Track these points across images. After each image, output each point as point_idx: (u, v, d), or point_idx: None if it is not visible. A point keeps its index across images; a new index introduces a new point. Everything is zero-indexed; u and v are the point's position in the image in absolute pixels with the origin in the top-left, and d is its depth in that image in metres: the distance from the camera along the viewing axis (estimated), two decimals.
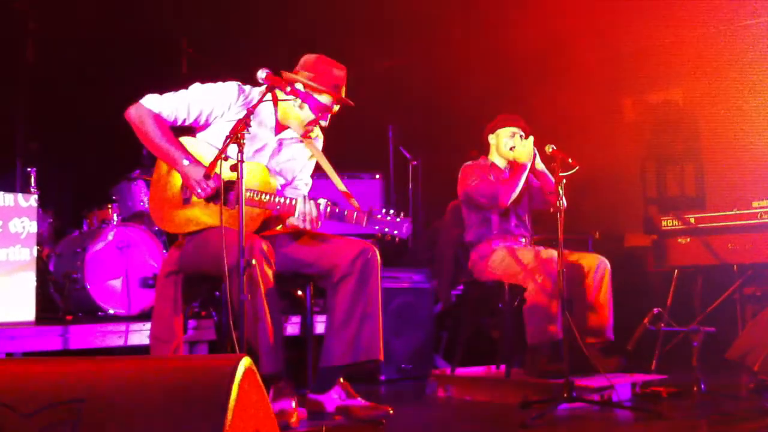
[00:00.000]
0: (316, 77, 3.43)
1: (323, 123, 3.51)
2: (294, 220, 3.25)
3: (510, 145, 4.62)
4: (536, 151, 4.52)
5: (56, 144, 6.04)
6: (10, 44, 5.59)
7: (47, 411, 1.73)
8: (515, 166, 4.53)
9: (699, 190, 6.43)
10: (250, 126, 2.97)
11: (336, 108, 3.52)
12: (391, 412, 3.31)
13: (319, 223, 3.25)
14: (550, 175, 4.51)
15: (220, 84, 3.45)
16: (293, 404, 3.20)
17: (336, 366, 3.34)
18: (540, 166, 4.57)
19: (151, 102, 3.37)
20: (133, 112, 3.36)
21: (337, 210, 3.20)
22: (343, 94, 3.50)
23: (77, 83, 6.10)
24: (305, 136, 3.55)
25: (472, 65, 6.90)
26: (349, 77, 3.52)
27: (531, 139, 4.53)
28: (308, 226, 3.23)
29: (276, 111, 3.53)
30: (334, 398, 3.37)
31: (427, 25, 6.70)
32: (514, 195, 4.47)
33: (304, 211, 3.21)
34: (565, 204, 3.80)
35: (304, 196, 3.25)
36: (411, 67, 6.87)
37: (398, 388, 4.91)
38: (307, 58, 3.52)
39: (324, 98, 3.46)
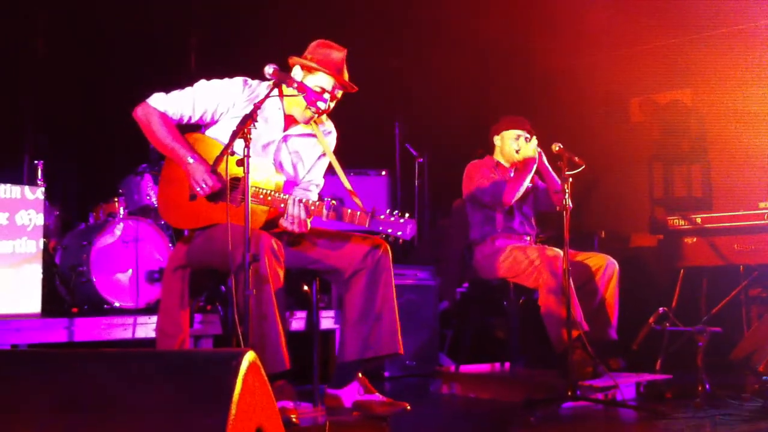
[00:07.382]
0: (313, 58, 3.42)
1: (322, 105, 3.39)
2: (282, 222, 3.22)
3: (515, 148, 4.63)
4: (541, 152, 4.52)
5: (64, 138, 6.05)
6: (20, 39, 5.61)
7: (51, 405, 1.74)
8: (520, 167, 4.55)
9: (706, 191, 6.41)
10: (257, 121, 2.96)
11: (339, 93, 3.48)
12: (409, 408, 3.30)
13: (309, 224, 3.21)
14: (555, 176, 4.51)
15: (225, 80, 3.45)
16: (292, 405, 3.19)
17: (354, 361, 3.34)
18: (546, 165, 4.57)
19: (157, 101, 3.37)
20: (139, 112, 3.38)
21: (338, 211, 3.15)
22: (346, 78, 3.46)
23: (86, 78, 6.11)
24: (308, 122, 3.53)
25: (478, 63, 6.90)
26: (356, 74, 3.50)
27: (534, 140, 4.55)
28: (296, 229, 3.20)
29: (283, 106, 3.52)
30: (352, 393, 3.36)
31: (435, 23, 6.70)
32: (518, 194, 4.47)
33: (292, 213, 3.18)
34: (571, 204, 3.79)
35: (294, 198, 3.21)
36: (418, 64, 6.86)
37: (402, 385, 4.91)
38: (311, 43, 3.52)
39: (323, 79, 3.42)
